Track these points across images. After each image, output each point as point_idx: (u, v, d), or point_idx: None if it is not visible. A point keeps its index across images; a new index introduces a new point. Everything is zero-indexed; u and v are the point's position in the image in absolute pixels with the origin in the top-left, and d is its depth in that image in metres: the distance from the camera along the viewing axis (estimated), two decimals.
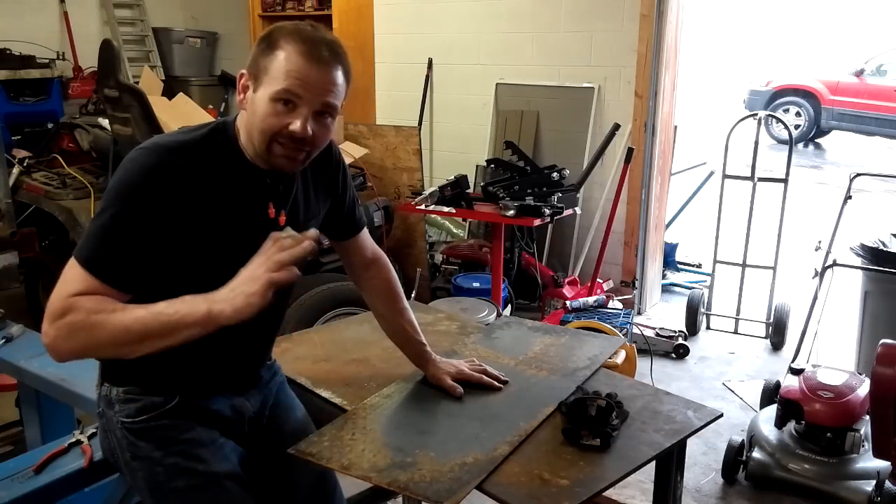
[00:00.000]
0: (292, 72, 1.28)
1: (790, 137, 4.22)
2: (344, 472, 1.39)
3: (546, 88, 4.52)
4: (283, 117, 1.30)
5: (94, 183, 3.75)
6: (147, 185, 1.27)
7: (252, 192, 1.39)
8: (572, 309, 3.62)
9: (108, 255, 1.26)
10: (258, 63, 1.31)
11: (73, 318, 1.21)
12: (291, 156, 1.35)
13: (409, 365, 1.73)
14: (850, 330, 3.55)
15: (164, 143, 1.32)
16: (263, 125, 1.31)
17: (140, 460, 1.42)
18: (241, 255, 1.31)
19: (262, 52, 1.31)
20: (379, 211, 3.91)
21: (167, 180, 1.28)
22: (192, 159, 1.31)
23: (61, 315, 1.21)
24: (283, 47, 1.29)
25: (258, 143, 1.34)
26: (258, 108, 1.31)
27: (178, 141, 1.33)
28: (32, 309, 4.03)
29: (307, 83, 1.29)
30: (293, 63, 1.28)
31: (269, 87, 1.29)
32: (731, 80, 12.63)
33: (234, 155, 1.38)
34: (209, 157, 1.34)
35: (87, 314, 1.21)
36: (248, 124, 1.35)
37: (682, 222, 5.35)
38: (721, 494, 2.73)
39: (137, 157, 1.30)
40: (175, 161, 1.29)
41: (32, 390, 2.30)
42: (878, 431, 2.34)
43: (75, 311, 1.21)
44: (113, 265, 1.26)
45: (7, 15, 5.10)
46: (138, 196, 1.26)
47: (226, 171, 1.36)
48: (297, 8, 5.49)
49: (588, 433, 1.45)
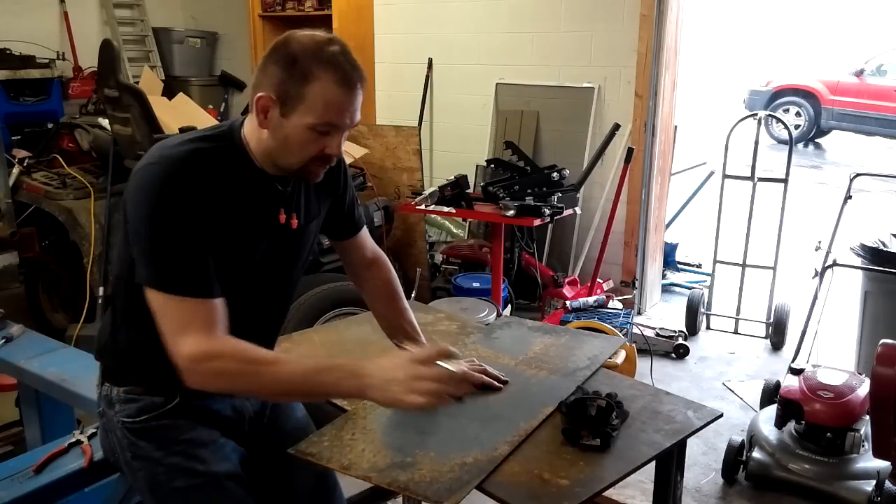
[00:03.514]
0: (333, 104, 1.31)
1: (790, 137, 4.22)
2: (344, 472, 1.39)
3: (546, 88, 4.52)
4: (320, 143, 1.35)
5: (94, 183, 3.74)
6: (176, 198, 1.28)
7: (263, 197, 1.42)
8: (572, 309, 3.62)
9: (185, 271, 1.29)
10: (287, 89, 1.30)
11: (224, 365, 1.28)
12: (319, 171, 1.42)
13: None
14: (850, 330, 3.55)
15: (173, 156, 1.32)
16: (302, 152, 1.35)
17: (141, 460, 1.43)
18: (255, 259, 1.40)
19: (290, 77, 1.30)
20: (379, 211, 3.91)
21: (187, 189, 1.29)
22: (204, 168, 1.32)
23: (208, 359, 1.27)
24: (318, 77, 1.29)
25: (286, 164, 1.37)
26: (291, 134, 1.33)
27: (186, 150, 1.33)
28: (32, 309, 4.04)
29: (343, 111, 1.33)
30: (332, 95, 1.30)
31: (308, 117, 1.31)
32: (731, 80, 12.63)
33: (244, 162, 1.39)
34: (219, 166, 1.35)
35: (240, 363, 1.28)
36: (272, 144, 1.36)
37: (682, 222, 5.35)
38: (721, 494, 2.73)
39: (153, 174, 1.30)
40: (188, 171, 1.30)
41: (32, 390, 2.30)
42: (878, 431, 2.34)
43: (226, 360, 1.28)
44: (195, 277, 1.29)
45: (7, 15, 5.10)
46: (174, 210, 1.28)
47: (237, 179, 1.37)
48: (297, 8, 5.48)
49: (588, 433, 1.45)
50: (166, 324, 1.29)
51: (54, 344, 2.38)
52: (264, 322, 1.53)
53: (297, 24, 5.36)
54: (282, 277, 1.53)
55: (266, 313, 1.55)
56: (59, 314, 4.03)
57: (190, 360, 1.27)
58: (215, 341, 1.29)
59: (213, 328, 1.29)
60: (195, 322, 1.28)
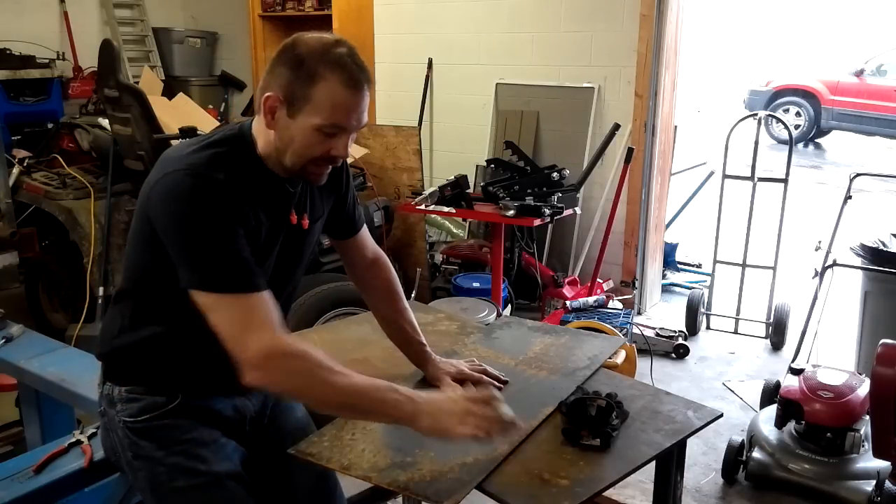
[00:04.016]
0: (339, 106, 1.31)
1: (790, 137, 4.22)
2: (344, 472, 1.39)
3: (546, 88, 4.52)
4: (327, 144, 1.35)
5: (94, 183, 3.74)
6: (207, 198, 1.28)
7: (275, 199, 1.42)
8: (572, 309, 3.62)
9: (233, 268, 1.29)
10: (294, 90, 1.31)
11: (299, 364, 1.28)
12: (324, 172, 1.41)
13: (410, 365, 1.73)
14: (850, 330, 3.55)
15: (196, 162, 1.31)
16: (307, 152, 1.35)
17: (142, 460, 1.43)
18: (268, 260, 1.42)
19: (297, 77, 1.30)
20: (379, 211, 3.91)
21: (217, 191, 1.29)
22: (226, 172, 1.32)
23: (283, 357, 1.27)
24: (325, 77, 1.30)
25: (291, 164, 1.37)
26: (297, 135, 1.33)
27: (207, 156, 1.33)
28: (32, 309, 4.04)
29: (350, 113, 1.33)
30: (339, 96, 1.30)
31: (314, 117, 1.31)
32: (732, 80, 12.63)
33: (256, 165, 1.40)
34: (237, 169, 1.35)
35: (313, 366, 1.28)
36: (279, 145, 1.36)
37: (682, 222, 5.35)
38: (721, 494, 2.73)
39: (179, 180, 1.29)
40: (214, 175, 1.30)
41: (32, 390, 2.30)
42: (878, 431, 2.34)
43: (301, 359, 1.28)
44: (242, 273, 1.29)
45: (7, 15, 5.10)
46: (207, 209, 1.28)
47: (253, 182, 1.37)
48: (297, 8, 5.48)
49: (588, 433, 1.45)
50: (223, 323, 1.28)
51: (54, 344, 2.38)
52: None
53: (297, 23, 5.40)
54: (287, 277, 1.54)
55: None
56: (59, 314, 4.03)
57: (262, 357, 1.25)
58: (286, 339, 1.29)
59: (275, 325, 1.29)
60: (255, 319, 1.28)
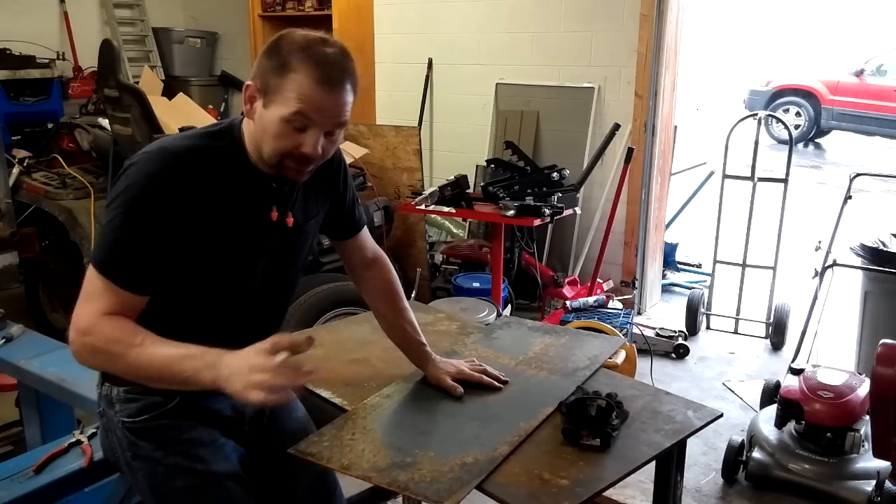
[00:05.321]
0: (305, 97, 1.29)
1: (790, 137, 4.22)
2: (344, 472, 1.39)
3: (546, 88, 4.52)
4: (295, 138, 1.32)
5: (94, 183, 3.74)
6: (153, 191, 1.29)
7: (256, 195, 1.41)
8: (572, 309, 3.62)
9: (122, 260, 1.30)
10: (267, 79, 1.31)
11: (93, 340, 1.28)
12: (300, 170, 1.38)
13: (409, 365, 1.73)
14: (850, 330, 3.55)
15: (170, 148, 1.34)
16: (275, 144, 1.33)
17: (141, 460, 1.43)
18: (245, 257, 1.40)
19: (272, 68, 1.31)
20: (379, 211, 3.91)
21: (172, 186, 1.30)
22: (198, 164, 1.33)
23: (84, 333, 1.28)
24: (296, 69, 1.29)
25: (268, 158, 1.36)
26: (268, 125, 1.32)
27: (184, 146, 1.34)
28: (32, 309, 4.04)
29: (320, 108, 1.31)
30: (306, 89, 1.29)
31: (281, 108, 1.30)
32: (731, 79, 12.62)
33: (239, 159, 1.39)
34: (215, 162, 1.35)
35: (106, 342, 1.27)
36: (255, 136, 1.36)
37: (682, 222, 5.35)
38: (721, 494, 2.73)
39: (143, 163, 1.31)
40: (180, 167, 1.31)
41: (32, 390, 2.30)
42: (878, 431, 2.34)
43: (95, 335, 1.27)
44: (127, 269, 1.30)
45: (7, 15, 5.10)
46: (145, 201, 1.29)
47: (231, 176, 1.37)
48: (297, 8, 5.48)
49: (588, 433, 1.45)
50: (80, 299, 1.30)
51: (54, 344, 2.38)
52: (262, 322, 1.53)
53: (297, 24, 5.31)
54: (279, 277, 1.53)
55: (264, 313, 1.54)
56: (59, 314, 4.03)
57: (74, 331, 1.29)
58: (100, 318, 1.28)
59: (110, 311, 1.29)
60: (101, 300, 1.29)
